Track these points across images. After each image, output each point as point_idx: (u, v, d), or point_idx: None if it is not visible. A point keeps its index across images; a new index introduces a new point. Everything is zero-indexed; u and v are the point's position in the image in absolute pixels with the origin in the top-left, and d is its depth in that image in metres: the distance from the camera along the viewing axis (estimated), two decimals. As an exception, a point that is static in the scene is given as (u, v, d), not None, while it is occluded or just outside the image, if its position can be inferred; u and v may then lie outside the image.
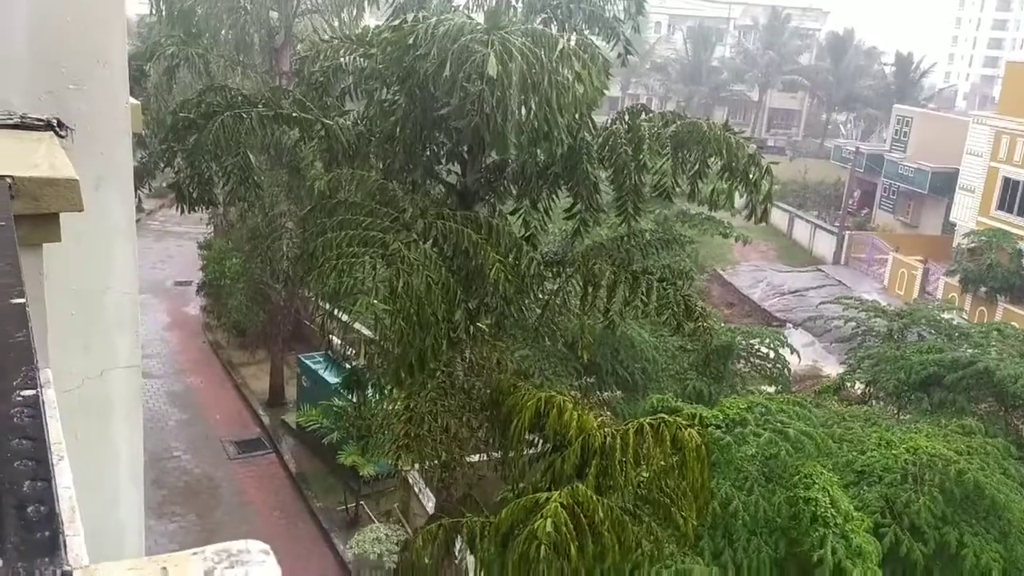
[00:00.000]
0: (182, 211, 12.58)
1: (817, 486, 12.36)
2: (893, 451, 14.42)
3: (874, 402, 20.75)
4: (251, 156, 12.21)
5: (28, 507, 0.82)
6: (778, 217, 50.87)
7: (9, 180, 1.99)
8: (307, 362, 22.12)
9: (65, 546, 0.80)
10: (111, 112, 2.90)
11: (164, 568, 0.78)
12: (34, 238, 2.06)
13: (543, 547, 8.46)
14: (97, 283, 2.93)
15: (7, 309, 1.27)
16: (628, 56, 14.36)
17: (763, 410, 13.94)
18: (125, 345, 3.07)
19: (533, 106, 9.93)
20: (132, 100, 3.07)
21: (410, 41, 10.16)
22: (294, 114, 11.92)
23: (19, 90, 2.78)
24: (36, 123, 2.63)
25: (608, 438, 9.80)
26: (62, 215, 2.15)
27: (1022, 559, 14.07)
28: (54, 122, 2.66)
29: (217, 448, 22.24)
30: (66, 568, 0.75)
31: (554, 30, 12.45)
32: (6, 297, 1.31)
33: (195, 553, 0.83)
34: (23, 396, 1.02)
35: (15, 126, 2.60)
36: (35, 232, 2.05)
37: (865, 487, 14.12)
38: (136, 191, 20.01)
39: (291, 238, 19.96)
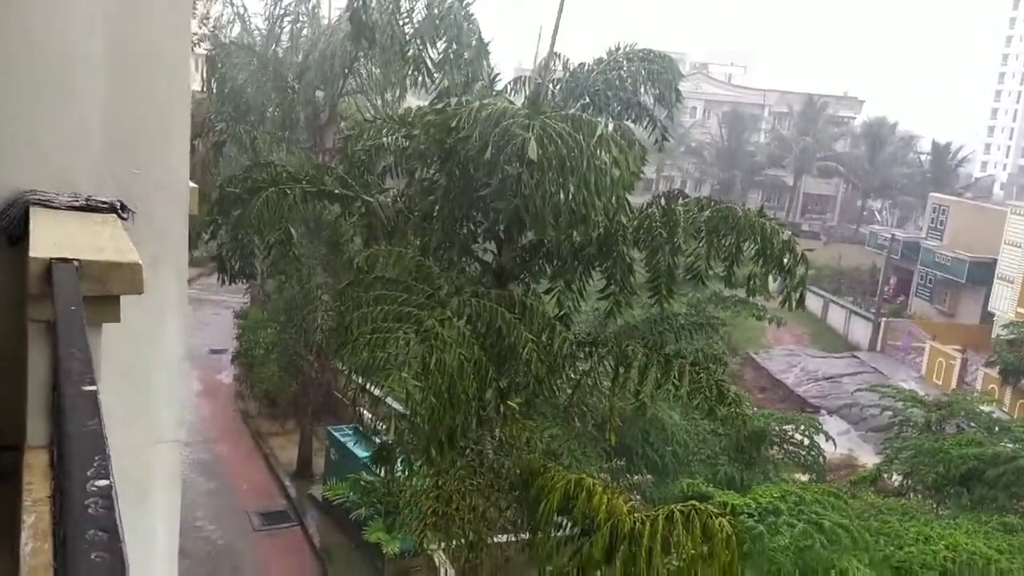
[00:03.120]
0: (223, 282, 12.82)
1: (853, 581, 12.02)
2: (932, 547, 14.00)
3: (912, 495, 20.23)
4: (292, 230, 12.47)
5: (105, 599, 0.86)
6: (812, 302, 50.50)
7: (77, 263, 2.07)
8: (336, 434, 22.08)
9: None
10: (171, 195, 3.02)
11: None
12: (96, 319, 2.13)
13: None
14: (146, 359, 3.01)
15: (80, 397, 1.33)
16: (664, 141, 14.59)
17: (797, 499, 13.67)
18: (169, 420, 3.13)
19: (572, 189, 10.10)
20: (191, 183, 3.20)
21: (453, 124, 10.43)
22: (336, 191, 12.20)
23: (86, 172, 2.91)
24: (101, 205, 2.74)
25: (637, 524, 9.65)
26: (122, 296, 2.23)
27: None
28: (118, 204, 2.77)
29: (242, 519, 22.11)
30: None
31: (592, 115, 12.71)
32: (79, 384, 1.37)
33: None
34: (97, 487, 1.07)
35: (81, 208, 2.71)
36: (97, 314, 2.13)
37: (903, 584, 13.70)
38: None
39: (326, 310, 20.18)
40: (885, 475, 21.59)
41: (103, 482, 1.07)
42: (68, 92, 2.88)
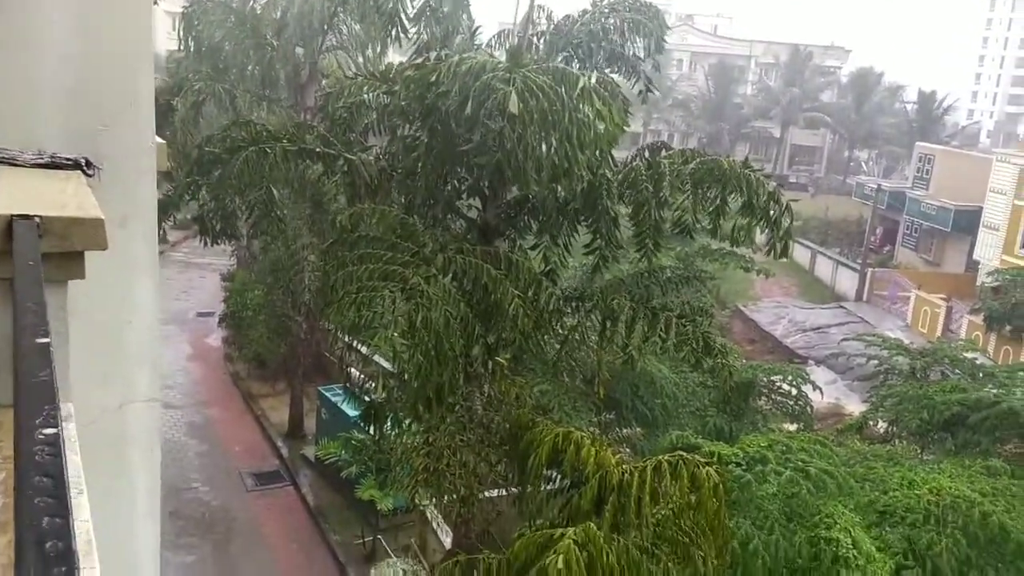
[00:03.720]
0: (205, 243, 12.75)
1: (839, 526, 12.20)
2: (916, 491, 14.21)
3: (897, 441, 20.48)
4: (274, 190, 12.38)
5: (47, 543, 0.86)
6: (800, 254, 50.69)
7: (38, 219, 2.05)
8: (327, 394, 22.16)
9: (80, 582, 0.83)
10: (137, 151, 2.98)
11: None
12: (60, 275, 2.11)
13: (555, 584, 8.39)
14: (118, 317, 2.99)
15: (33, 348, 1.32)
16: (649, 93, 14.48)
17: (784, 448, 13.81)
18: (145, 378, 3.12)
19: (554, 143, 10.03)
20: (158, 139, 3.15)
21: (433, 79, 10.32)
22: (317, 149, 12.09)
23: (50, 129, 2.86)
24: (65, 162, 2.70)
25: (626, 475, 9.74)
26: (87, 252, 2.21)
27: (1050, 605, 13.77)
28: (82, 161, 2.73)
29: (236, 480, 22.26)
30: (80, 604, 0.79)
31: (576, 68, 12.59)
32: (32, 336, 1.35)
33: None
34: (45, 435, 1.06)
35: (45, 165, 2.67)
36: (61, 270, 2.11)
37: (887, 528, 13.91)
38: (161, 223, 20.31)
39: (313, 271, 20.13)
40: (871, 422, 21.83)
41: (50, 431, 1.06)
42: (31, 50, 2.83)
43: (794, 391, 20.76)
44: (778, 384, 21.10)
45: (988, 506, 13.38)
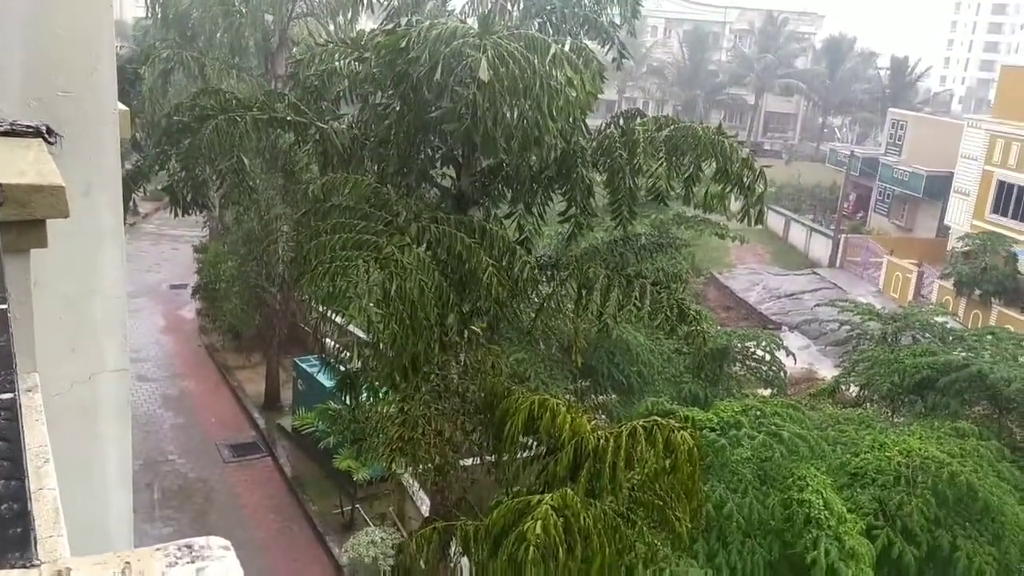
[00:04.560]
0: (177, 214, 12.61)
1: (811, 488, 12.39)
2: (886, 453, 14.45)
3: (868, 405, 20.78)
4: (245, 160, 12.24)
5: (2, 505, 0.85)
6: (774, 221, 50.99)
7: (-4, 187, 2.01)
8: (302, 365, 22.12)
9: (36, 542, 0.83)
10: (100, 119, 2.93)
11: (127, 563, 0.82)
12: (21, 244, 2.08)
13: (532, 549, 8.47)
14: (85, 287, 2.96)
15: (-12, 315, 1.30)
16: (623, 60, 14.40)
17: (758, 413, 13.98)
18: (113, 349, 3.09)
19: (527, 110, 9.97)
20: (121, 106, 3.10)
21: (403, 44, 10.20)
22: (289, 118, 11.95)
23: (9, 97, 2.81)
24: (25, 130, 2.65)
25: (601, 441, 9.82)
26: (50, 221, 2.18)
27: (1016, 562, 14.10)
28: (43, 129, 2.69)
29: (212, 452, 22.23)
30: (35, 562, 0.79)
31: (549, 35, 12.49)
32: (-12, 303, 1.34)
33: (158, 549, 0.86)
34: (1, 400, 1.05)
35: (4, 133, 2.63)
36: (22, 238, 2.08)
37: (858, 489, 14.15)
38: (131, 194, 20.01)
39: (286, 241, 19.99)
40: (843, 387, 22.14)
41: (7, 395, 1.05)
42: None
43: (768, 357, 20.99)
44: (752, 350, 21.32)
45: (957, 467, 13.63)
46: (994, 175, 40.38)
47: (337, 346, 14.93)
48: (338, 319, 12.97)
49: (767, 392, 20.49)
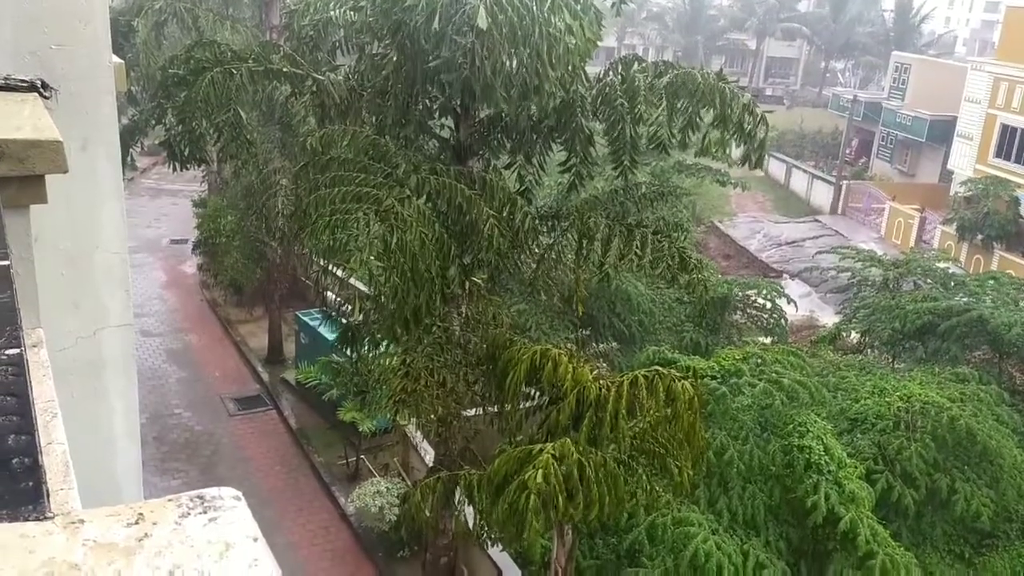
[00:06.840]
0: (174, 169, 12.53)
1: (811, 434, 12.53)
2: (886, 399, 14.57)
3: (869, 351, 20.91)
4: (242, 113, 12.12)
5: (13, 459, 0.86)
6: (775, 168, 50.70)
7: (-7, 142, 2.00)
8: (304, 319, 22.19)
9: (48, 494, 0.84)
10: (94, 71, 2.90)
11: (140, 514, 0.83)
12: (21, 200, 2.08)
13: (533, 497, 8.59)
14: (86, 243, 2.96)
15: (-9, 271, 1.30)
16: (623, 5, 14.18)
17: (758, 361, 14.06)
18: (116, 304, 3.10)
19: (526, 58, 9.85)
20: (115, 59, 3.06)
21: (400, -7, 10.04)
22: (284, 69, 11.81)
23: (2, 51, 2.77)
24: (20, 84, 2.62)
25: (603, 390, 9.89)
26: (49, 176, 2.17)
27: (1013, 504, 14.31)
28: (38, 83, 2.66)
29: (217, 405, 22.41)
30: (48, 515, 0.80)
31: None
32: (-10, 259, 1.34)
33: (170, 499, 0.88)
34: (7, 355, 1.05)
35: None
36: (21, 194, 2.07)
37: (858, 435, 14.31)
38: (129, 149, 19.87)
39: (286, 195, 19.90)
40: (844, 334, 22.23)
41: (13, 351, 1.05)
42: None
43: (769, 305, 21.05)
44: (753, 298, 21.37)
45: (956, 411, 13.76)
46: (997, 119, 40.01)
47: (339, 299, 14.97)
48: (339, 272, 12.98)
49: (768, 340, 20.59)
